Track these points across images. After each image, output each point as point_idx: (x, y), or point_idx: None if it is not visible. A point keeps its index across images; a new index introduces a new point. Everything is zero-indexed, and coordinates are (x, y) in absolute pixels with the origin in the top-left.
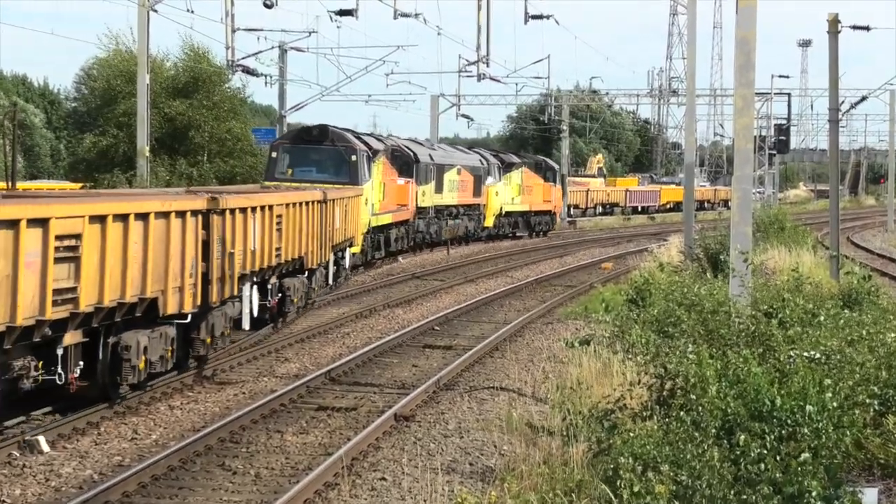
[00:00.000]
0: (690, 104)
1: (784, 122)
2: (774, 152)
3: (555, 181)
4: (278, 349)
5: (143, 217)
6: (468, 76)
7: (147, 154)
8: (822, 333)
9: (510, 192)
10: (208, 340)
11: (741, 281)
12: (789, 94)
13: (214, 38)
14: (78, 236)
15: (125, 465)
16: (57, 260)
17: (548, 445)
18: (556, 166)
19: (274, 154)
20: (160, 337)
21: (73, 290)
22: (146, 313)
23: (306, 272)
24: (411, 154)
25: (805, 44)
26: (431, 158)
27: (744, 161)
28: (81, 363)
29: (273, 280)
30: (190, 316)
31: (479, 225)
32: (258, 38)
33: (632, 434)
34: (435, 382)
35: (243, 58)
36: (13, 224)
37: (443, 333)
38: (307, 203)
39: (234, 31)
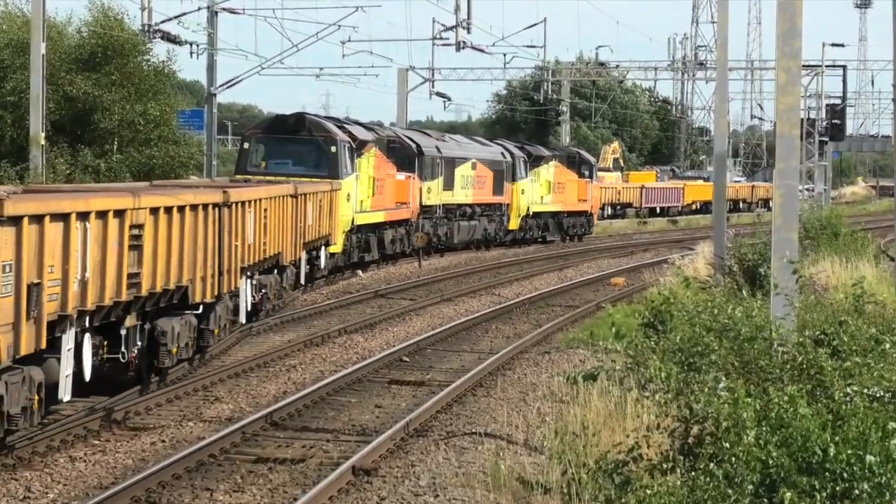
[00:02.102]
0: (722, 80)
1: (838, 101)
2: (826, 140)
3: (591, 177)
4: (206, 386)
5: (181, 210)
6: (444, 45)
7: (42, 142)
8: (887, 366)
9: (539, 190)
10: (216, 331)
11: (786, 299)
12: (844, 67)
13: None
14: (141, 226)
15: None
16: (129, 248)
17: None
18: (593, 160)
19: (246, 145)
20: (186, 325)
21: (137, 275)
22: (180, 301)
23: (276, 270)
24: (413, 146)
25: (863, 4)
26: (438, 151)
27: (788, 151)
28: (139, 343)
29: (257, 276)
30: (202, 307)
31: (501, 227)
32: None
33: (649, 491)
34: (403, 427)
35: (163, 21)
36: (103, 215)
37: (413, 366)
38: (281, 197)
39: None
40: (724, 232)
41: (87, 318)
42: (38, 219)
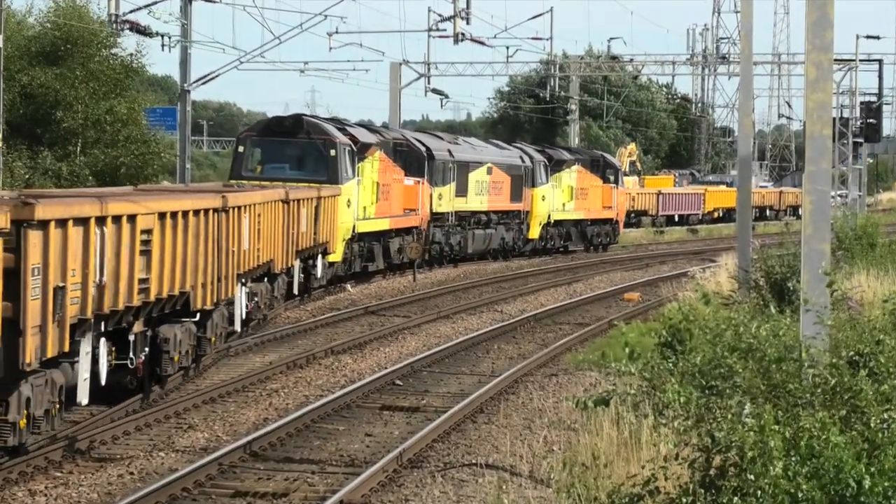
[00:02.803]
0: (746, 75)
1: (874, 99)
2: (861, 141)
3: (616, 182)
4: (179, 412)
5: (185, 215)
6: (441, 37)
7: None
8: None
9: (560, 197)
10: (213, 340)
11: (817, 317)
12: (881, 61)
13: None
14: (150, 231)
15: None
16: (140, 253)
17: None
18: (618, 164)
19: (241, 148)
20: (187, 332)
21: (146, 280)
22: (182, 308)
23: (267, 278)
24: (422, 149)
25: None
26: (451, 154)
27: (819, 153)
28: (147, 350)
29: (250, 283)
30: (198, 314)
31: (520, 236)
32: None
33: None
34: (396, 458)
35: (132, 11)
36: (118, 219)
37: (407, 390)
38: (272, 203)
39: None
40: (749, 242)
41: (103, 323)
42: (62, 223)
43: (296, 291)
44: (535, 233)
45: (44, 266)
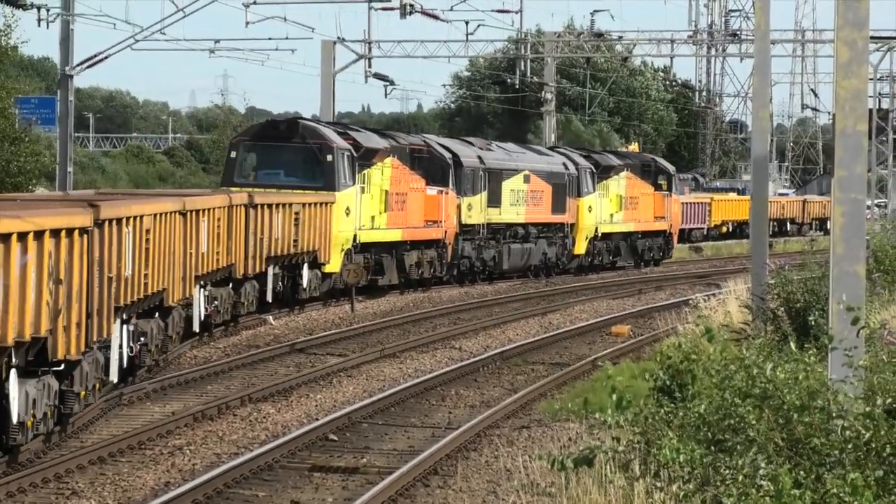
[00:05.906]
0: (762, 56)
1: None
2: None
3: (670, 189)
4: (60, 475)
5: (163, 216)
6: (385, 9)
7: None
8: None
9: (608, 207)
10: (172, 337)
11: (848, 356)
12: None
13: None
14: (149, 231)
15: None
16: (144, 250)
17: None
18: (671, 168)
19: (234, 154)
20: (158, 327)
21: (147, 276)
22: (158, 305)
23: (230, 283)
24: (447, 155)
25: None
26: (481, 161)
27: (852, 153)
28: (142, 339)
29: (209, 287)
30: (157, 313)
31: (564, 251)
32: None
33: None
34: None
35: None
36: (135, 220)
37: (344, 447)
38: (231, 207)
39: None
40: (765, 263)
41: (123, 313)
42: (110, 222)
43: (269, 298)
44: (581, 248)
45: (101, 260)
